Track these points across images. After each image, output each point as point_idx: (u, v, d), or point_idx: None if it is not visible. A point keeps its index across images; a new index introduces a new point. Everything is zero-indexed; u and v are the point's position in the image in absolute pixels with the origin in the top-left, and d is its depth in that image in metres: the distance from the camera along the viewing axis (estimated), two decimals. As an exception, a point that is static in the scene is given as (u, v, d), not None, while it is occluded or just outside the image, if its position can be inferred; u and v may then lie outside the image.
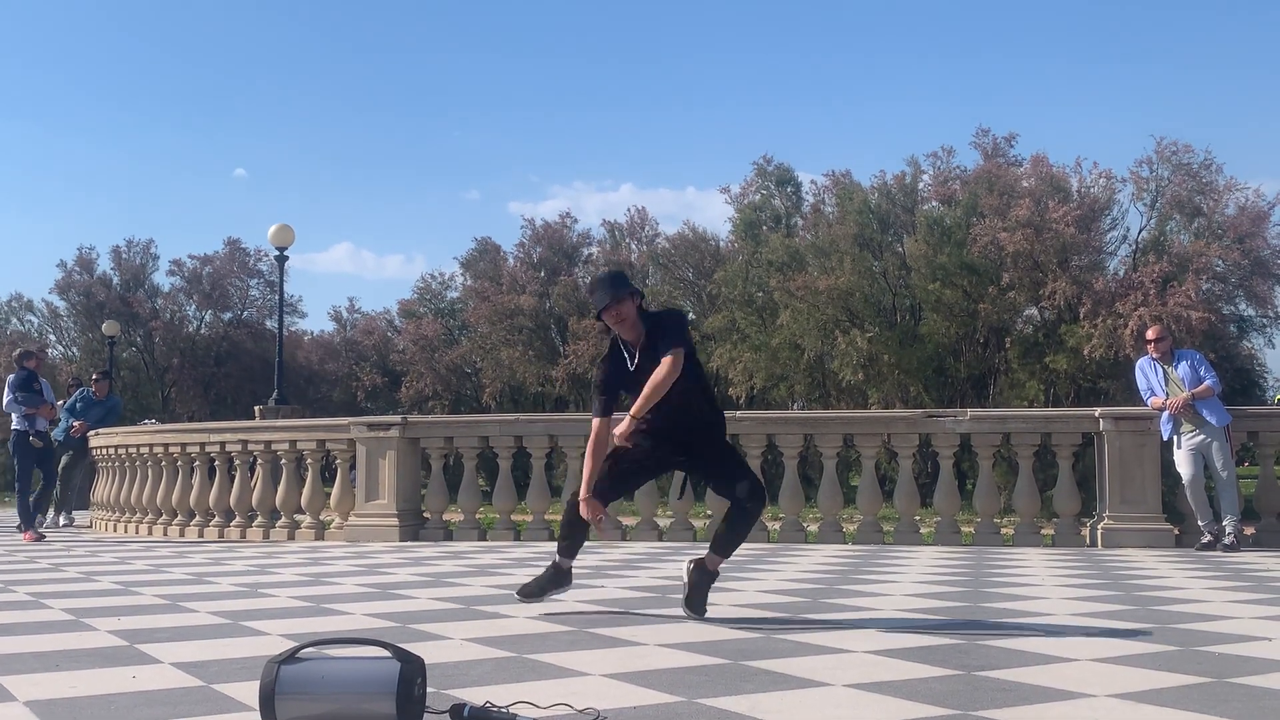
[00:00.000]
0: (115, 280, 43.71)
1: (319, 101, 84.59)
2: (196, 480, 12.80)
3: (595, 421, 5.44)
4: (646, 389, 5.25)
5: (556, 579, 5.76)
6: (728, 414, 11.34)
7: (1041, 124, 77.03)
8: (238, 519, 12.35)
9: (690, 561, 5.53)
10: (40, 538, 11.92)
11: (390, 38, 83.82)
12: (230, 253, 43.80)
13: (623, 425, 5.32)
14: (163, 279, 44.31)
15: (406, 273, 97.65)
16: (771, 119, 75.05)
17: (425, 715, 3.25)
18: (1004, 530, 10.41)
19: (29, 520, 12.19)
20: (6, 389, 12.28)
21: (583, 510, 5.40)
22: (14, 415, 12.14)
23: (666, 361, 5.26)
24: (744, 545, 10.05)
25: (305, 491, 11.89)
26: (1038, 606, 5.86)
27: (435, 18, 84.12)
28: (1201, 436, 9.45)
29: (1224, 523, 9.37)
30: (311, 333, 47.69)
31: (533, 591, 5.80)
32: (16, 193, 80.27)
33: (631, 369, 5.40)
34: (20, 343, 43.62)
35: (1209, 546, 9.30)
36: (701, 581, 5.44)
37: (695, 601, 5.40)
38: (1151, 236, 28.07)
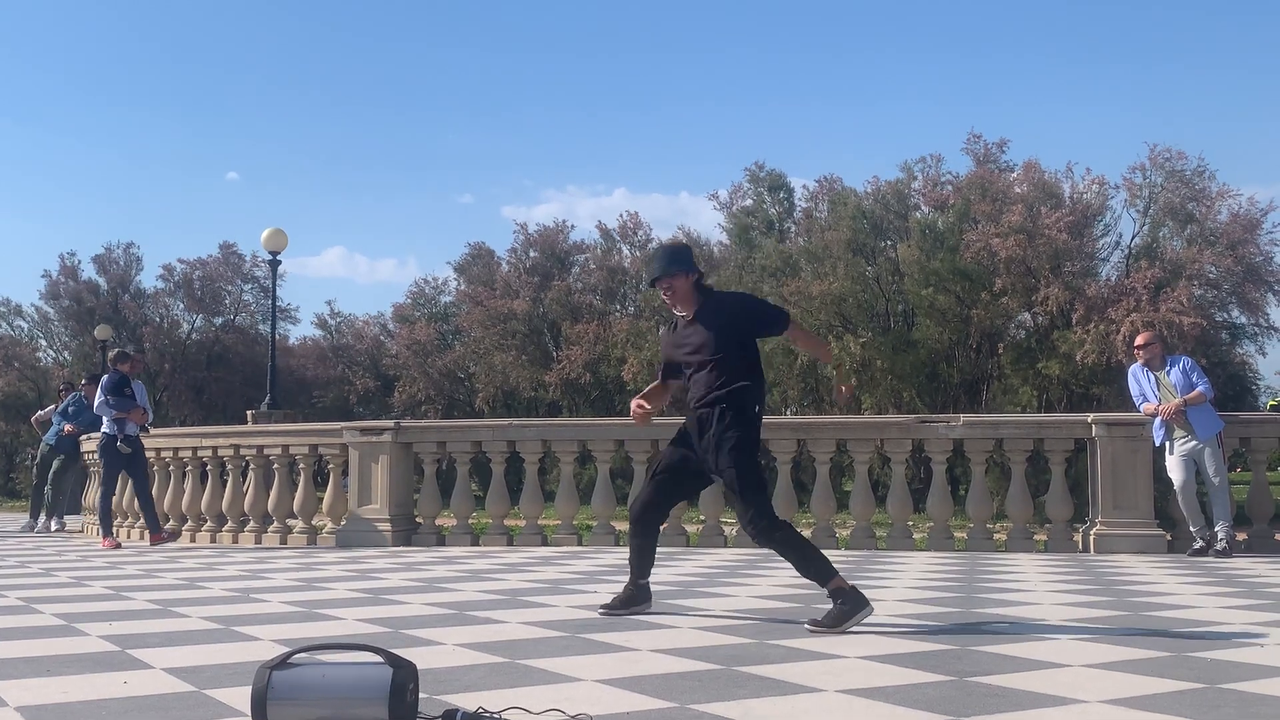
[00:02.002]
0: (103, 286, 43.57)
1: (312, 104, 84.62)
2: (189, 485, 12.76)
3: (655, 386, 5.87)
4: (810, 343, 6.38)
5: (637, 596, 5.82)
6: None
7: (1034, 130, 77.35)
8: (230, 524, 12.31)
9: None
10: (118, 545, 11.57)
11: (383, 40, 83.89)
12: (224, 257, 43.71)
13: None
14: (152, 283, 44.23)
15: (400, 276, 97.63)
16: (764, 124, 75.29)
17: (417, 721, 3.25)
18: (997, 536, 10.42)
19: (108, 526, 11.85)
20: (99, 391, 11.94)
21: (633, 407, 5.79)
22: (104, 418, 11.87)
23: (791, 332, 5.82)
24: (738, 550, 10.08)
25: (298, 496, 11.86)
26: (1030, 612, 5.87)
27: (429, 21, 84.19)
28: (1194, 442, 9.46)
29: (1216, 528, 9.38)
30: (305, 338, 47.65)
31: (614, 606, 5.80)
32: (4, 194, 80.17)
33: (674, 336, 5.65)
34: (11, 348, 43.58)
35: (1201, 552, 9.32)
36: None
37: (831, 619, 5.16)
38: (1144, 243, 28.14)
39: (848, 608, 5.11)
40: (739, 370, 5.51)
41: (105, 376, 12.02)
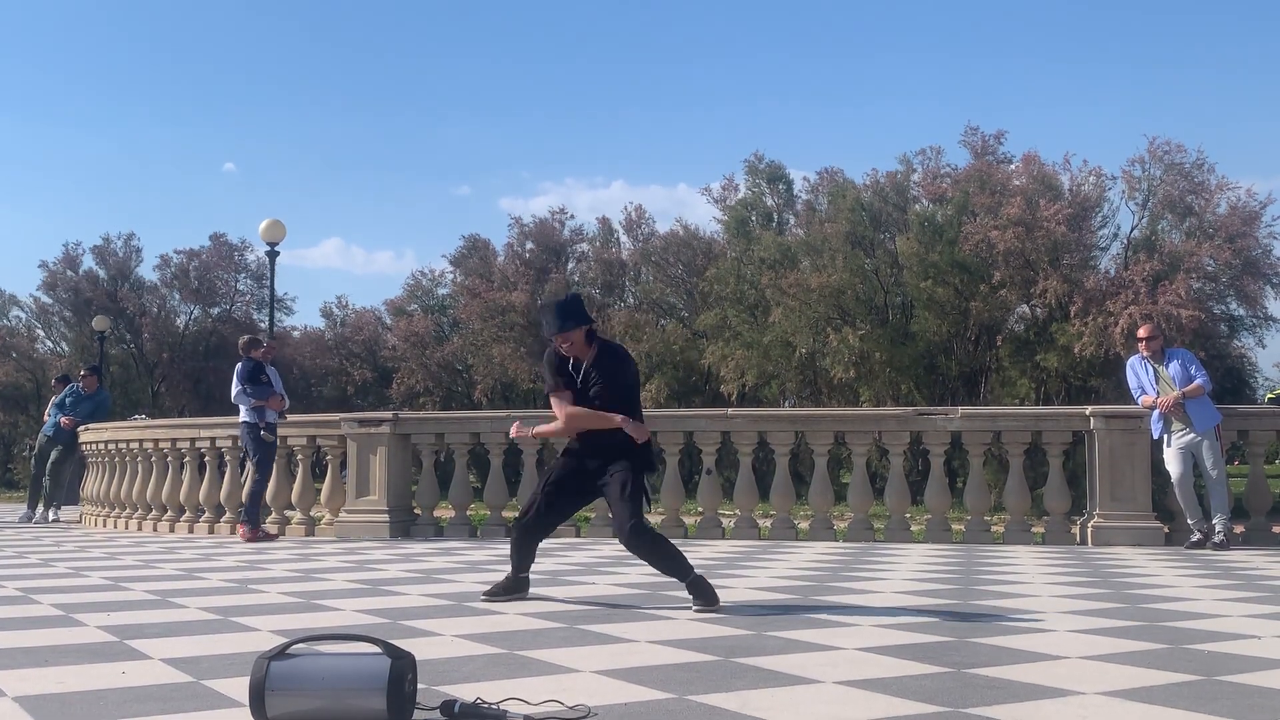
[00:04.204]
0: (102, 276, 43.51)
1: (309, 96, 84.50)
2: (186, 476, 12.76)
3: (567, 408, 5.98)
4: (592, 420, 5.90)
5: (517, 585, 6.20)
6: (719, 411, 11.38)
7: (1032, 123, 77.35)
8: (228, 515, 12.31)
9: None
10: (261, 538, 11.02)
11: (381, 33, 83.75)
12: (216, 247, 43.62)
13: (539, 429, 6.45)
14: (150, 274, 44.15)
15: (397, 268, 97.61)
16: (763, 117, 75.21)
17: (416, 711, 3.25)
18: (994, 528, 10.43)
19: (254, 518, 11.16)
20: (235, 380, 11.46)
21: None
22: (242, 407, 11.36)
23: (616, 419, 5.83)
24: (735, 542, 10.08)
25: (296, 487, 11.86)
26: (1028, 604, 5.87)
27: (425, 13, 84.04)
28: (1192, 435, 9.47)
29: (1214, 521, 9.40)
30: (301, 328, 47.59)
31: (497, 593, 6.16)
32: (2, 186, 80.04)
33: (578, 383, 5.95)
34: (8, 339, 43.52)
35: (1199, 545, 9.33)
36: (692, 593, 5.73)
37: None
38: (1143, 235, 28.11)
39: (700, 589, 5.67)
40: (632, 409, 6.01)
41: (239, 364, 11.47)
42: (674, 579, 5.80)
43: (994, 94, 73.95)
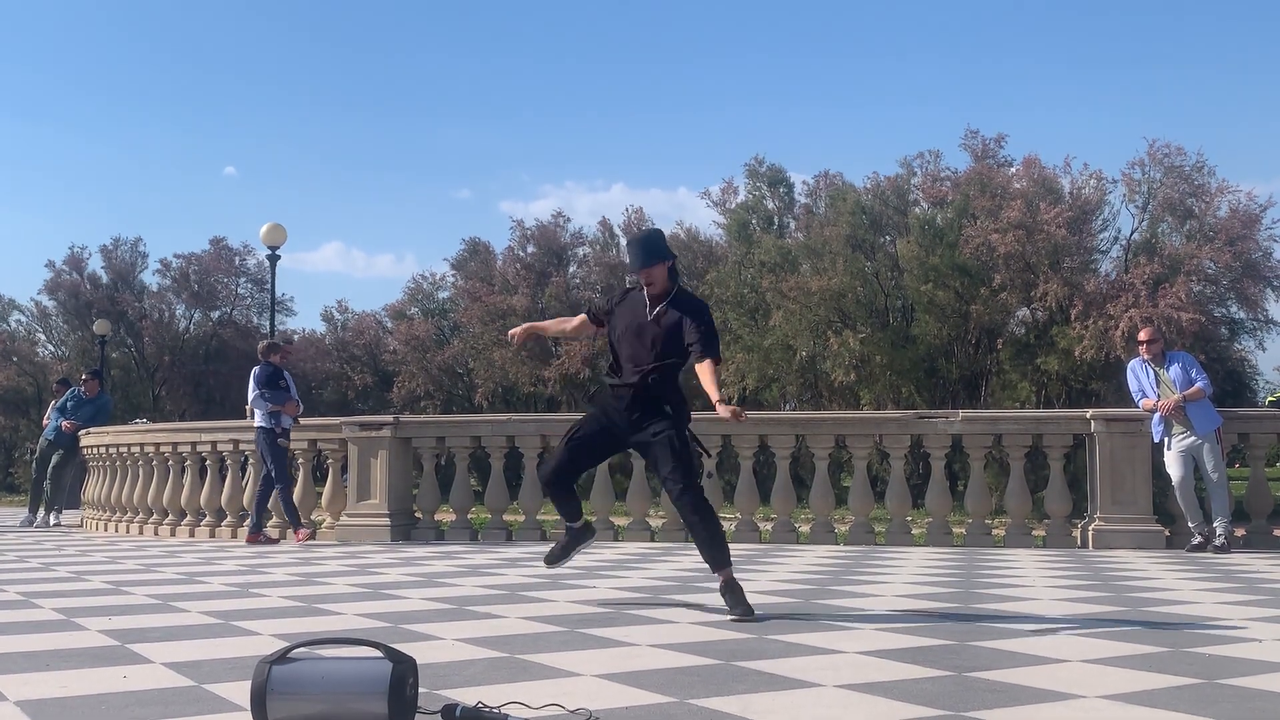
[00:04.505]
0: (105, 279, 43.52)
1: (309, 99, 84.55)
2: (188, 480, 12.77)
3: (579, 317, 6.23)
4: (711, 383, 5.61)
5: (578, 536, 6.20)
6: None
7: (1032, 127, 77.34)
8: (229, 518, 12.32)
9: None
10: (312, 535, 11.13)
11: (381, 36, 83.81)
12: (216, 251, 43.64)
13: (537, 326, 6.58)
14: (150, 278, 44.18)
15: (397, 272, 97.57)
16: (763, 121, 75.20)
17: (417, 716, 3.25)
18: (995, 531, 10.43)
19: (295, 519, 11.18)
20: (251, 384, 11.34)
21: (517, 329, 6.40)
22: (257, 412, 11.24)
23: (702, 368, 5.62)
24: (736, 545, 10.03)
25: (297, 491, 11.86)
26: (1029, 607, 5.87)
27: (425, 17, 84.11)
28: (1192, 438, 9.47)
29: (1214, 524, 9.39)
30: (301, 331, 47.57)
31: (556, 556, 6.23)
32: (2, 190, 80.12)
33: (649, 318, 5.75)
34: (9, 344, 43.51)
35: (1199, 548, 9.33)
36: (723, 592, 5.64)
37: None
38: (1143, 238, 28.10)
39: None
40: (676, 373, 5.87)
41: (257, 368, 11.36)
42: (709, 566, 5.66)
43: (994, 97, 74.03)
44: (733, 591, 5.51)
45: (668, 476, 5.66)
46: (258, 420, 11.22)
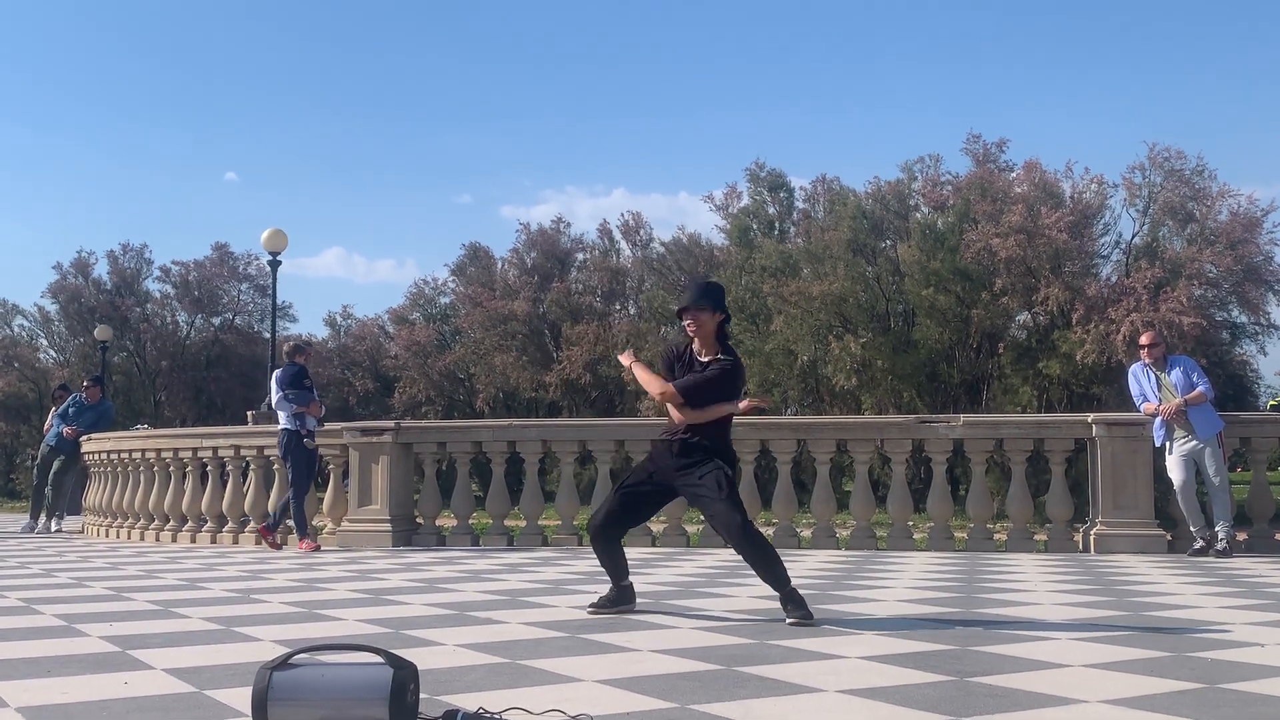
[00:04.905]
0: (109, 285, 43.57)
1: (310, 105, 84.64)
2: (189, 485, 12.77)
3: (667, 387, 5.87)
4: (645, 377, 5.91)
5: (622, 596, 6.00)
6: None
7: (1033, 131, 77.36)
8: (230, 524, 12.32)
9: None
10: (317, 547, 10.83)
11: (381, 41, 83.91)
12: (218, 257, 43.69)
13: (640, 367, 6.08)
14: (153, 284, 44.23)
15: (398, 277, 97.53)
16: (764, 125, 75.29)
17: (418, 721, 3.25)
18: (997, 536, 10.42)
19: (303, 528, 10.92)
20: (274, 385, 11.22)
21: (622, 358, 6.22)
22: (281, 414, 11.05)
23: (670, 393, 5.76)
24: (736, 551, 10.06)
25: (298, 497, 11.86)
26: (1030, 612, 5.87)
27: (427, 22, 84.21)
28: (1194, 442, 9.46)
29: (1216, 528, 9.39)
30: (302, 336, 47.58)
31: (601, 606, 5.99)
32: (4, 197, 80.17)
33: (697, 368, 5.80)
34: (11, 349, 43.55)
35: (1201, 552, 9.32)
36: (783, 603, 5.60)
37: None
38: (1144, 242, 28.11)
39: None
40: (724, 429, 5.94)
41: (280, 370, 11.23)
42: (770, 587, 5.67)
43: (994, 101, 74.06)
44: (792, 601, 5.52)
45: (716, 513, 5.70)
46: (282, 422, 11.10)
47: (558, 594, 6.77)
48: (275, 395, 11.16)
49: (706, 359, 5.78)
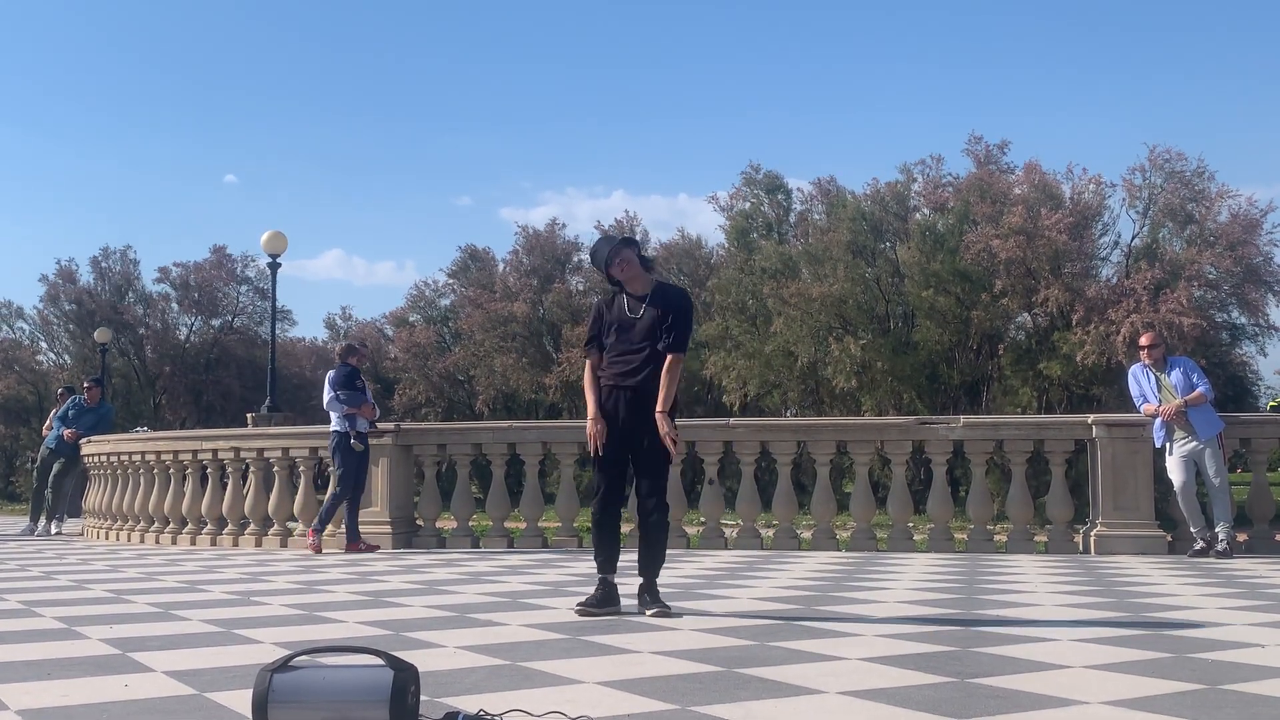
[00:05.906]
0: (102, 289, 43.55)
1: (309, 107, 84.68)
2: (189, 488, 12.76)
3: (591, 358, 5.99)
4: (666, 385, 5.75)
5: (609, 598, 5.96)
6: (721, 421, 11.38)
7: (1034, 132, 77.38)
8: (230, 526, 12.31)
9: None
10: (368, 549, 10.69)
11: (381, 43, 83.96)
12: (217, 260, 43.67)
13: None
14: (151, 286, 44.23)
15: (398, 279, 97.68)
16: (763, 127, 75.34)
17: (418, 723, 3.24)
18: (997, 537, 10.42)
19: (354, 531, 10.82)
20: (327, 386, 11.06)
21: (590, 429, 5.86)
22: (333, 415, 10.92)
23: (671, 361, 5.77)
24: (738, 552, 10.08)
25: (298, 499, 11.86)
26: (1031, 613, 5.86)
27: (426, 23, 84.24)
28: (1194, 443, 9.46)
29: (1216, 529, 9.38)
30: (304, 339, 47.60)
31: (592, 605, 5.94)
32: (3, 200, 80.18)
33: (635, 317, 5.84)
34: (11, 351, 43.53)
35: (1202, 553, 9.32)
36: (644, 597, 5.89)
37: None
38: (1144, 243, 28.11)
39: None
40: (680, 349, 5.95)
41: (333, 371, 11.10)
42: (639, 571, 5.89)
43: (994, 103, 74.13)
44: (651, 591, 5.86)
45: (646, 494, 5.84)
46: (333, 423, 10.97)
47: (558, 596, 6.77)
48: (327, 395, 11.01)
49: (643, 291, 5.87)
